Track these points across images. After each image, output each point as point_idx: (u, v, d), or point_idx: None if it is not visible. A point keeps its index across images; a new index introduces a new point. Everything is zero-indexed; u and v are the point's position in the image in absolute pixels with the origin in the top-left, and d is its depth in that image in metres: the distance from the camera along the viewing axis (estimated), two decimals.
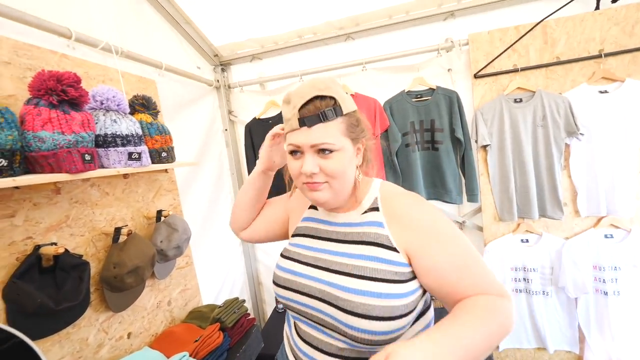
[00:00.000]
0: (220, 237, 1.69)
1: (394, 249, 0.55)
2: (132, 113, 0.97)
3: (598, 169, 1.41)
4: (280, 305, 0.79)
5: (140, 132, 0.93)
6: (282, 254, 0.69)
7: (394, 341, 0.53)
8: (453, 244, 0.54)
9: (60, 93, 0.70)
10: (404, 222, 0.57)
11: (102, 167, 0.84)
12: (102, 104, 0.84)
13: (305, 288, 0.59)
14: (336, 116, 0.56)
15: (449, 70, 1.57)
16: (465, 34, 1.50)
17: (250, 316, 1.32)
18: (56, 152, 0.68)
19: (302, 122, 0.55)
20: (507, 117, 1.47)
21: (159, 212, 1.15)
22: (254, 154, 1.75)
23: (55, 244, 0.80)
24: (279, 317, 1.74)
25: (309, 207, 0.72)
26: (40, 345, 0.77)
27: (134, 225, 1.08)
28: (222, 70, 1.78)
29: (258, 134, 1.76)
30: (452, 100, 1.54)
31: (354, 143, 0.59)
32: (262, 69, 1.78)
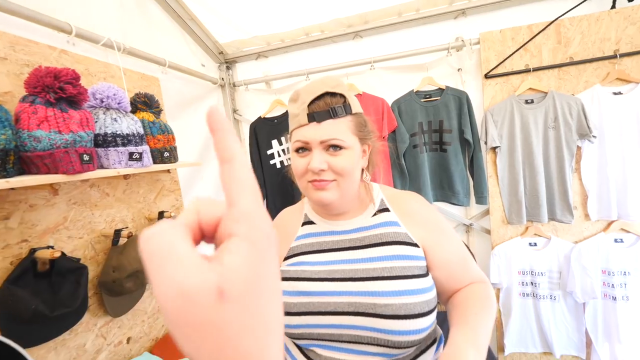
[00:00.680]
0: None
1: (415, 245, 0.58)
2: (133, 111, 0.93)
3: (610, 172, 1.36)
4: None
5: (141, 131, 0.88)
6: (284, 277, 0.59)
7: (429, 337, 0.56)
8: (456, 239, 0.61)
9: (57, 90, 0.65)
10: (417, 219, 0.60)
11: (101, 167, 0.80)
12: (102, 102, 0.79)
13: (329, 306, 0.53)
14: (346, 113, 0.56)
15: (458, 70, 1.52)
16: (477, 33, 1.45)
17: None
18: (52, 152, 0.63)
19: (311, 117, 0.54)
20: (518, 119, 1.42)
21: (161, 214, 1.10)
22: (258, 154, 1.70)
23: (52, 247, 0.76)
24: None
25: (302, 224, 0.66)
26: (34, 353, 0.73)
27: (134, 227, 1.04)
28: (227, 68, 1.73)
29: (263, 133, 1.71)
30: (462, 101, 1.48)
31: (361, 143, 0.59)
32: (267, 67, 1.73)
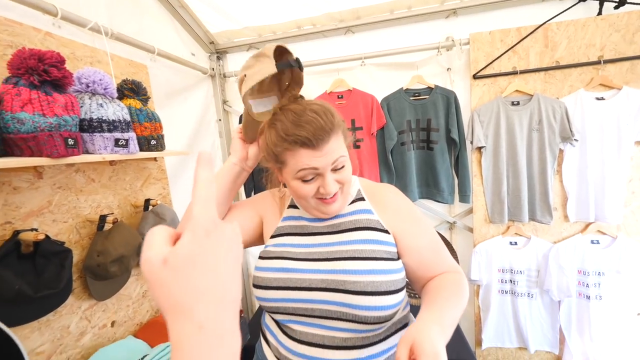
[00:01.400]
0: None
1: (386, 231, 0.62)
2: (120, 98, 0.94)
3: (590, 175, 1.41)
4: None
5: (128, 118, 0.90)
6: (262, 256, 0.65)
7: (394, 317, 0.59)
8: (427, 229, 0.64)
9: (41, 73, 0.66)
10: (390, 208, 0.64)
11: (86, 152, 0.81)
12: (87, 86, 0.80)
13: (304, 282, 0.57)
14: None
15: (448, 69, 1.55)
16: (467, 33, 1.48)
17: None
18: (36, 134, 0.65)
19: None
20: (504, 120, 1.47)
21: (147, 201, 1.12)
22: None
23: (36, 229, 0.77)
24: None
25: (287, 206, 0.70)
26: (18, 332, 0.75)
27: (120, 213, 1.06)
28: (218, 58, 1.73)
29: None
30: (450, 100, 1.52)
31: (347, 147, 0.63)
32: None
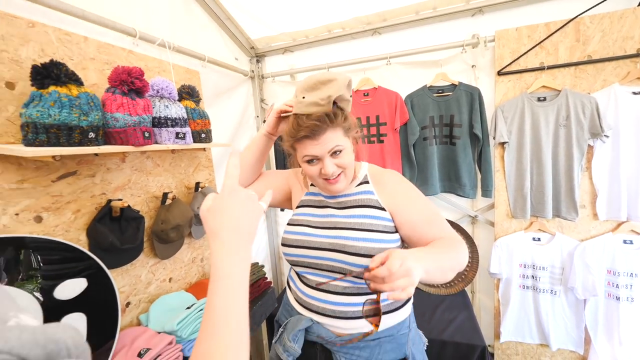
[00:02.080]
0: None
1: (382, 209, 0.76)
2: (179, 100, 1.20)
3: (622, 172, 1.39)
4: None
5: (185, 116, 1.15)
6: (289, 223, 0.86)
7: None
8: (421, 203, 0.76)
9: (129, 84, 0.92)
10: (388, 189, 0.78)
11: (156, 143, 1.07)
12: (158, 92, 1.06)
13: (317, 244, 0.77)
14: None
15: (472, 66, 1.61)
16: (493, 31, 1.53)
17: (268, 280, 1.53)
18: (126, 129, 0.91)
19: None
20: (529, 116, 1.49)
21: (197, 184, 1.39)
22: (280, 139, 1.94)
23: (121, 200, 1.06)
24: None
25: (310, 184, 0.88)
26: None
27: (177, 192, 1.33)
28: (257, 61, 1.97)
29: None
30: (474, 97, 1.58)
31: (350, 139, 0.78)
32: (293, 61, 1.94)
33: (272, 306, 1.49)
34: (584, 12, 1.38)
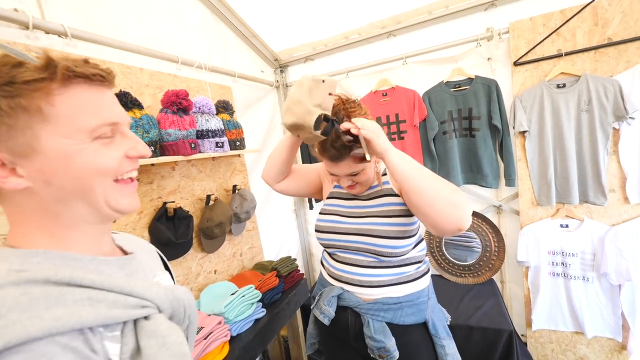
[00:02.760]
0: (278, 210, 2.10)
1: (397, 195, 0.87)
2: (217, 113, 1.37)
3: None
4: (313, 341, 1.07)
5: (222, 127, 1.32)
6: (321, 212, 0.99)
7: (404, 254, 0.84)
8: (423, 173, 0.82)
9: (178, 104, 1.10)
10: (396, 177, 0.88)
11: (200, 152, 1.25)
12: (199, 109, 1.25)
13: (346, 229, 0.90)
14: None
15: (488, 59, 1.64)
16: (506, 23, 1.56)
17: (300, 272, 1.67)
18: (177, 142, 1.09)
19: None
20: (548, 103, 1.51)
21: (234, 187, 1.57)
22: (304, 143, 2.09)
23: (174, 202, 1.24)
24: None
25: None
26: None
27: (218, 194, 1.52)
28: (281, 71, 2.14)
29: None
30: (491, 89, 1.62)
31: (371, 156, 0.88)
32: (314, 69, 2.08)
33: (305, 295, 1.62)
34: None
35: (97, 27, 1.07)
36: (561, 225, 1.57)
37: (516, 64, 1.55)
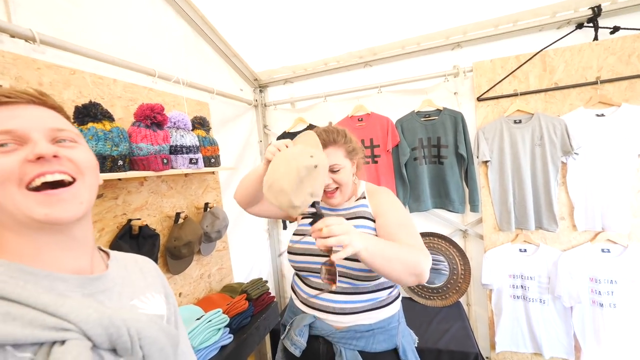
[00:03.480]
0: (250, 229, 2.05)
1: (373, 220, 0.90)
2: (193, 129, 1.34)
3: (594, 186, 1.52)
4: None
5: (197, 143, 1.29)
6: (295, 233, 0.99)
7: (377, 277, 0.85)
8: (398, 212, 0.88)
9: (152, 118, 1.07)
10: (376, 200, 0.93)
11: (172, 168, 1.21)
12: (175, 124, 1.21)
13: (320, 252, 0.88)
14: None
15: (455, 93, 1.78)
16: (471, 62, 1.71)
17: (272, 295, 1.62)
18: (148, 157, 1.05)
19: None
20: (507, 136, 1.65)
21: (206, 204, 1.51)
22: None
23: (140, 219, 1.17)
24: None
25: None
26: None
27: (188, 212, 1.45)
28: (260, 91, 2.16)
29: None
30: (457, 120, 1.74)
31: (350, 160, 0.93)
32: (293, 91, 2.13)
33: (275, 319, 1.57)
34: (547, 46, 1.57)
35: (69, 36, 1.03)
36: (520, 250, 1.68)
37: (479, 99, 1.69)
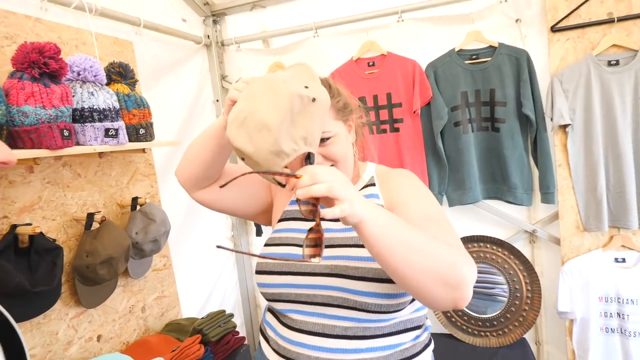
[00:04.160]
0: (206, 237, 2.04)
1: None
2: (108, 83, 1.32)
3: None
4: None
5: (117, 105, 1.27)
6: (268, 243, 0.96)
7: (398, 309, 0.82)
8: (425, 202, 0.83)
9: (42, 66, 1.04)
10: (391, 185, 0.90)
11: (78, 144, 1.19)
12: (79, 75, 1.19)
13: (307, 268, 0.86)
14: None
15: (516, 20, 1.76)
16: None
17: (240, 335, 1.63)
18: (38, 127, 1.03)
19: None
20: (597, 87, 1.64)
21: (135, 200, 1.50)
22: None
23: (30, 224, 1.16)
24: None
25: None
26: None
27: (106, 213, 1.44)
28: (214, 22, 2.12)
29: None
30: (521, 63, 1.73)
31: (344, 123, 0.91)
32: (265, 21, 2.09)
33: None
34: None
35: None
36: (616, 260, 1.70)
37: (554, 29, 1.67)
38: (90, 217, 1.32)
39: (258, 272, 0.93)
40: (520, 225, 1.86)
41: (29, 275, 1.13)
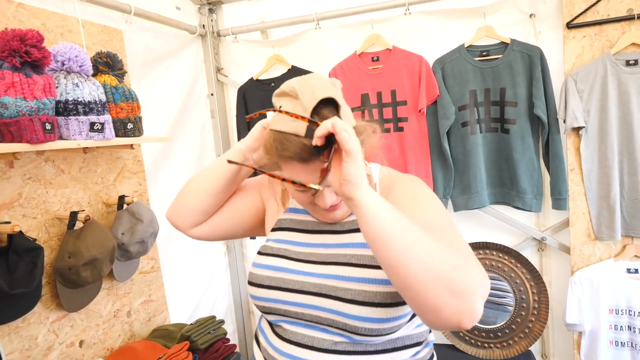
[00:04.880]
0: (196, 241, 2.02)
1: None
2: (95, 74, 1.30)
3: None
4: None
5: (104, 98, 1.25)
6: (260, 252, 0.95)
7: (392, 331, 0.79)
8: (431, 210, 0.79)
9: (23, 54, 1.02)
10: (394, 192, 0.86)
11: (61, 138, 1.17)
12: (63, 64, 1.16)
13: (296, 285, 0.84)
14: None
15: (530, 15, 1.74)
16: None
17: (231, 342, 1.62)
18: (19, 119, 1.01)
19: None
20: (614, 88, 1.62)
21: (121, 198, 1.49)
22: (248, 129, 2.05)
23: (9, 223, 1.14)
24: None
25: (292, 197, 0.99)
26: None
27: (91, 211, 1.43)
28: (210, 11, 2.10)
29: (255, 101, 2.05)
30: (534, 61, 1.71)
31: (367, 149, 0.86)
32: (264, 10, 2.07)
33: None
34: None
35: None
36: (628, 270, 1.68)
37: (570, 25, 1.65)
38: (74, 215, 1.30)
39: (250, 283, 0.91)
40: (529, 232, 1.85)
41: (7, 276, 1.12)
